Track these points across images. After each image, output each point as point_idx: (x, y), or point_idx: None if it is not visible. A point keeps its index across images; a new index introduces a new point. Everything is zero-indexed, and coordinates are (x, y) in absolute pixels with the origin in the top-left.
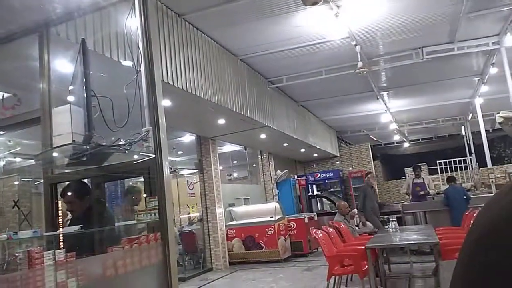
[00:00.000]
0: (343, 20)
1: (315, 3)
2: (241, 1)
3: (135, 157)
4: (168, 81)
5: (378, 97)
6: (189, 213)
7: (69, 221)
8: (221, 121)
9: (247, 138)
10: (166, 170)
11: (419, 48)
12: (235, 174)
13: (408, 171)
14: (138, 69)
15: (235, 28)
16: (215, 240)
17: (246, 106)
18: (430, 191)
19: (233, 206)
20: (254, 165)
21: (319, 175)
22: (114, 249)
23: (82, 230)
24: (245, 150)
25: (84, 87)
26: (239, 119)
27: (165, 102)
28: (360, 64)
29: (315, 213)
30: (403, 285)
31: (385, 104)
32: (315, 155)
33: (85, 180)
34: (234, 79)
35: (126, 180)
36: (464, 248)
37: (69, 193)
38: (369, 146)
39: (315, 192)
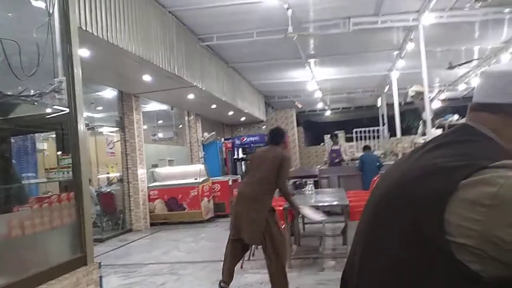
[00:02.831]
0: None
1: None
2: None
3: (47, 110)
4: (86, 28)
5: (306, 65)
6: (108, 173)
7: None
8: (146, 77)
9: (174, 98)
10: (81, 126)
11: (347, 18)
12: (160, 135)
13: (327, 138)
14: (51, 11)
15: None
16: (136, 201)
17: (173, 63)
18: (344, 157)
19: (156, 167)
20: (180, 126)
21: (245, 138)
22: (20, 208)
23: None
24: (171, 109)
25: None
26: (165, 76)
27: (83, 52)
28: (290, 29)
29: (239, 176)
30: (315, 243)
31: (312, 72)
32: (243, 118)
33: None
34: (162, 33)
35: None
36: (371, 202)
37: None
38: (294, 112)
39: (241, 156)
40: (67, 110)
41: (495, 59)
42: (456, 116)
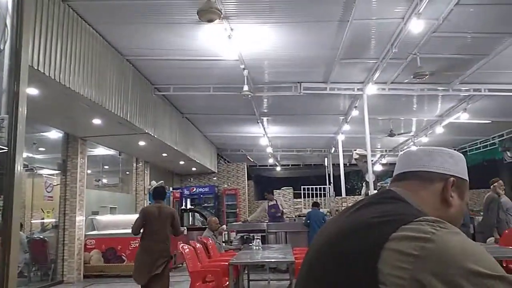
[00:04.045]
0: (235, 43)
1: (210, 20)
2: (133, 0)
3: None
4: (38, 67)
5: (259, 121)
6: (43, 218)
7: None
8: (97, 121)
9: (124, 143)
10: (18, 166)
11: (298, 82)
12: (104, 180)
13: (277, 193)
14: (1, 48)
15: (124, 27)
16: (71, 250)
17: (126, 109)
18: (284, 210)
19: (97, 215)
20: (127, 173)
21: (195, 189)
22: None
23: None
24: (119, 155)
25: None
26: (117, 122)
27: (31, 90)
28: (246, 87)
29: (185, 228)
30: None
31: (264, 129)
32: (194, 169)
33: None
34: (117, 79)
35: None
36: (307, 259)
37: None
38: (246, 166)
39: (189, 206)
40: (6, 149)
41: (430, 130)
42: (389, 182)
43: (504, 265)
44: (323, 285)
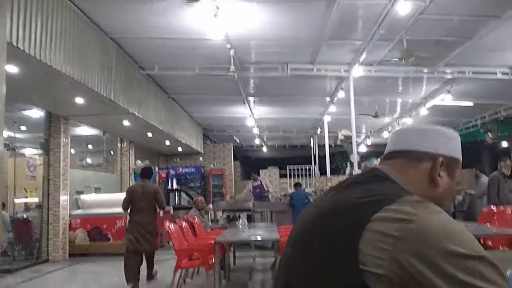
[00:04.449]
0: (222, 22)
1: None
2: None
3: None
4: (17, 44)
5: (245, 102)
6: (26, 197)
7: None
8: (79, 100)
9: (108, 123)
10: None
11: (285, 63)
12: (88, 160)
13: (263, 172)
14: None
15: (107, 4)
16: (55, 229)
17: (110, 88)
18: (269, 190)
19: (81, 194)
20: (112, 152)
21: (181, 169)
22: None
23: None
24: (103, 135)
25: None
26: (100, 101)
27: (10, 68)
28: (232, 68)
29: (171, 207)
30: (245, 278)
31: (250, 110)
32: (180, 149)
33: None
34: (100, 57)
35: None
36: (292, 237)
37: None
38: (232, 146)
39: (175, 186)
40: None
41: (414, 112)
42: (379, 160)
43: (482, 242)
44: (307, 263)
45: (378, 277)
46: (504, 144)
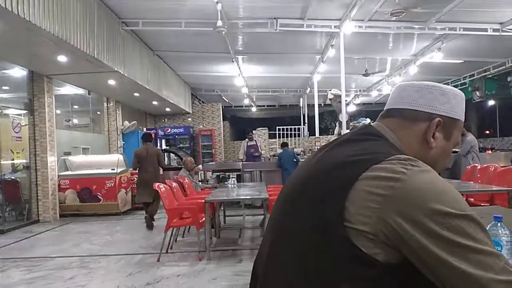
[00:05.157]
0: None
1: None
2: None
3: None
4: None
5: (234, 60)
6: (13, 159)
7: None
8: (62, 58)
9: (93, 82)
10: None
11: (275, 18)
12: (75, 121)
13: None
14: None
15: None
16: (45, 190)
17: (93, 46)
18: (262, 152)
19: (69, 155)
20: (98, 113)
21: (169, 130)
22: None
23: None
24: (88, 94)
25: None
26: (84, 59)
27: None
28: (219, 23)
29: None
30: (235, 236)
31: (239, 68)
32: (168, 109)
33: None
34: (82, 12)
35: None
36: (282, 195)
37: None
38: (221, 107)
39: (164, 147)
40: None
41: (404, 69)
42: (368, 120)
43: (465, 198)
44: (297, 221)
45: (362, 233)
46: (491, 102)
